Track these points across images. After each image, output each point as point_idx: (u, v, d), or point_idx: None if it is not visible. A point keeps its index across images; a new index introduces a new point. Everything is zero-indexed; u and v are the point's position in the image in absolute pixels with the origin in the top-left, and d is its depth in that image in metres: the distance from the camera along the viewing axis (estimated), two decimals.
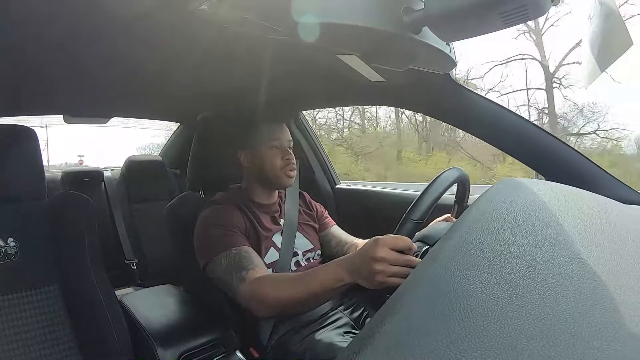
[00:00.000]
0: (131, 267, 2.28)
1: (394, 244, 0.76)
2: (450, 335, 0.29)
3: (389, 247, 0.75)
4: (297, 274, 0.92)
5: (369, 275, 0.76)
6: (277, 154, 1.20)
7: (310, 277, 0.87)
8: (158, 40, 0.94)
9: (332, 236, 1.36)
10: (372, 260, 0.75)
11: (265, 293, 0.92)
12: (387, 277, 0.75)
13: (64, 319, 1.01)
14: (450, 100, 1.19)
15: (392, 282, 0.75)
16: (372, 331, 0.33)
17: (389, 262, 0.75)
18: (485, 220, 0.46)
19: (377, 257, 0.75)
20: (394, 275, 0.75)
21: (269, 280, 0.95)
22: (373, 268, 0.75)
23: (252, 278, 0.96)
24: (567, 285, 0.34)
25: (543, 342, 0.28)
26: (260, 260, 1.05)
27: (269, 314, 0.97)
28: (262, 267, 1.03)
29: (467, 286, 0.34)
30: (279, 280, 0.94)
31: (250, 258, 1.03)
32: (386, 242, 0.76)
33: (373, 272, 0.75)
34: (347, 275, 0.81)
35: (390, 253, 0.75)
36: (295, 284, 0.88)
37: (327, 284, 0.83)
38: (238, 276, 0.98)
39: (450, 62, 0.88)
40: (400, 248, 0.76)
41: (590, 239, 0.43)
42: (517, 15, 0.55)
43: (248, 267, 0.99)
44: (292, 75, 1.33)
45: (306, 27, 0.61)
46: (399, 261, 0.75)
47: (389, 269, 0.75)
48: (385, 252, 0.75)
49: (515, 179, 0.60)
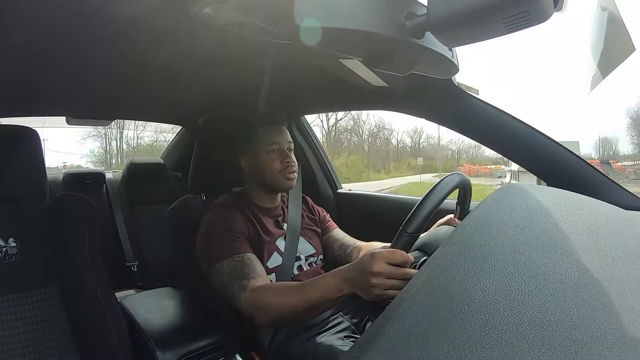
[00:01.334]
0: (132, 270, 2.28)
1: (391, 258, 0.77)
2: (451, 341, 0.29)
3: (384, 262, 0.76)
4: (297, 283, 0.93)
5: (366, 288, 0.78)
6: (276, 157, 1.20)
7: (310, 287, 0.87)
8: (160, 43, 0.94)
9: (335, 239, 1.36)
10: (368, 274, 0.77)
11: (266, 302, 0.92)
12: (383, 290, 0.76)
13: (63, 320, 1.01)
14: (452, 106, 1.19)
15: (389, 295, 0.76)
16: (372, 336, 0.33)
17: (385, 276, 0.76)
18: (486, 226, 0.46)
19: (373, 271, 0.76)
20: (390, 288, 0.76)
21: (270, 289, 0.96)
22: (370, 282, 0.76)
23: (253, 287, 0.97)
24: (569, 291, 0.34)
25: (544, 348, 0.28)
26: (262, 268, 1.05)
27: (269, 322, 0.98)
28: (264, 275, 1.03)
29: (468, 292, 0.34)
30: (280, 289, 0.95)
31: (253, 266, 1.03)
32: (382, 257, 0.77)
33: (370, 286, 0.77)
34: (346, 286, 0.82)
35: (386, 267, 0.76)
36: (296, 294, 0.89)
37: (327, 294, 0.84)
38: (239, 284, 0.98)
39: (453, 68, 0.88)
40: (396, 262, 0.77)
41: (592, 245, 0.43)
42: (519, 21, 0.55)
43: (250, 276, 0.99)
44: (294, 79, 1.33)
45: (308, 32, 0.61)
46: (395, 275, 0.76)
47: (386, 283, 0.76)
48: (381, 267, 0.76)
49: (517, 185, 0.60)
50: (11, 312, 0.95)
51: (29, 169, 1.03)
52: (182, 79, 1.30)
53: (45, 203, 1.07)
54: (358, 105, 1.67)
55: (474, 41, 0.64)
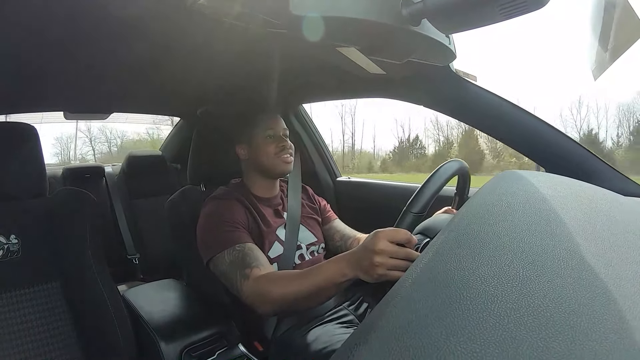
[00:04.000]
0: (133, 262, 2.30)
1: (393, 236, 0.76)
2: (450, 326, 0.29)
3: (388, 240, 0.75)
4: (300, 271, 0.92)
5: (369, 267, 0.76)
6: (271, 142, 1.21)
7: (314, 273, 0.87)
8: (157, 35, 0.94)
9: (336, 230, 1.36)
10: (372, 252, 0.75)
11: (269, 290, 0.92)
12: (386, 270, 0.74)
13: (66, 314, 1.02)
14: (450, 92, 1.19)
15: (392, 275, 0.74)
16: (372, 323, 0.33)
17: (388, 255, 0.74)
18: (485, 212, 0.46)
19: (376, 249, 0.74)
20: (393, 268, 0.74)
21: (273, 277, 0.96)
22: (373, 260, 0.75)
23: (255, 275, 0.97)
24: (567, 277, 0.34)
25: (542, 333, 0.28)
26: (264, 257, 1.05)
27: (273, 310, 0.97)
28: (266, 264, 1.03)
29: (467, 278, 0.34)
30: (283, 277, 0.94)
31: (254, 255, 1.03)
32: (386, 235, 0.76)
33: (373, 265, 0.75)
34: (350, 270, 0.81)
35: (390, 245, 0.75)
36: (300, 280, 0.89)
37: (331, 279, 0.83)
38: (242, 273, 0.98)
39: (450, 54, 0.88)
40: (399, 241, 0.76)
41: (590, 231, 0.43)
42: (516, 7, 0.55)
43: (252, 265, 0.99)
44: (292, 69, 1.32)
45: (305, 21, 0.60)
46: (398, 254, 0.75)
47: (389, 262, 0.74)
48: (384, 245, 0.74)
49: (515, 171, 0.60)
50: (14, 308, 0.96)
51: (29, 166, 1.03)
52: (179, 71, 1.29)
53: (45, 199, 1.08)
54: (356, 94, 1.66)
55: (470, 28, 0.64)
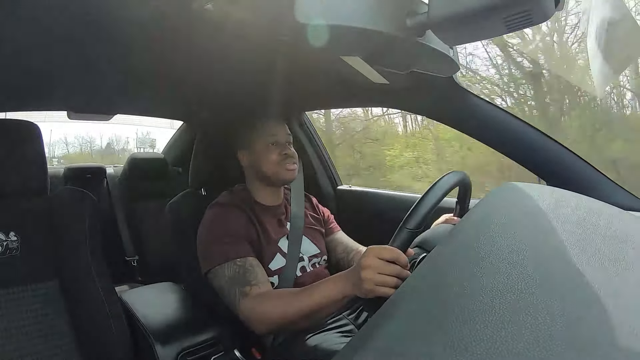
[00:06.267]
0: (132, 264, 2.29)
1: (381, 253, 0.77)
2: (446, 339, 0.29)
3: (376, 256, 0.76)
4: (299, 290, 0.92)
5: (358, 282, 0.78)
6: (274, 149, 1.20)
7: (314, 292, 0.87)
8: (162, 39, 0.94)
9: (338, 242, 1.35)
10: (360, 267, 0.77)
11: (268, 311, 0.92)
12: (374, 286, 0.75)
13: (63, 314, 1.01)
14: (453, 104, 1.19)
15: (380, 292, 0.75)
16: (367, 334, 0.33)
17: (374, 270, 0.75)
18: (484, 225, 0.46)
19: (363, 264, 0.76)
20: (381, 284, 0.75)
21: (272, 297, 0.95)
22: (360, 275, 0.76)
23: (254, 294, 0.96)
24: (565, 292, 0.34)
25: (539, 347, 0.28)
26: (264, 273, 1.05)
27: (270, 330, 0.98)
28: (266, 282, 1.02)
29: (464, 291, 0.34)
30: (282, 296, 0.94)
31: (254, 272, 1.02)
32: (374, 251, 0.77)
33: (360, 279, 0.76)
34: (347, 287, 0.83)
35: (377, 261, 0.76)
36: (298, 300, 0.89)
37: (329, 297, 0.85)
38: (240, 291, 0.98)
39: (454, 66, 0.88)
40: (387, 258, 0.76)
41: (589, 245, 0.43)
42: (520, 20, 0.55)
43: (251, 282, 0.99)
44: (296, 76, 1.33)
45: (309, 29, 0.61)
46: (384, 270, 0.75)
47: (376, 278, 0.75)
48: (371, 260, 0.76)
49: (516, 184, 0.60)
50: (11, 305, 0.95)
51: (30, 163, 1.04)
52: (183, 75, 1.30)
53: (46, 197, 1.08)
54: (359, 102, 1.66)
55: (474, 40, 0.64)
